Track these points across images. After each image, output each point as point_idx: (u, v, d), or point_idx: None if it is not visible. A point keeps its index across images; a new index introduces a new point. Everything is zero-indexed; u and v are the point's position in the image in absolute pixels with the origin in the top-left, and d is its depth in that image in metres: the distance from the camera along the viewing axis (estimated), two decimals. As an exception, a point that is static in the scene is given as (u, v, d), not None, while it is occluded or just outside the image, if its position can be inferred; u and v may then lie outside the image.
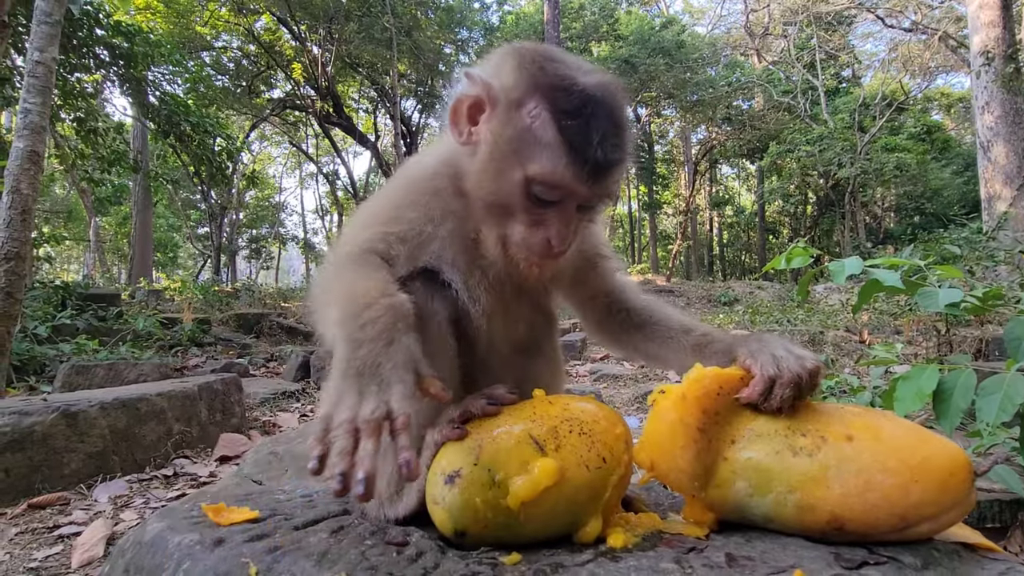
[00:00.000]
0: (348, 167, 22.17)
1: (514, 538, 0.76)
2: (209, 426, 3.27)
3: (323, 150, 27.05)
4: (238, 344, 7.92)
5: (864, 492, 0.76)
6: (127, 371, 4.48)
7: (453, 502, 0.76)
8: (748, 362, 0.90)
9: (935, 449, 0.77)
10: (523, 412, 0.87)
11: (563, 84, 0.90)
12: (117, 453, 2.72)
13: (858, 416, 0.83)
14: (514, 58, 0.97)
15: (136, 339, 6.71)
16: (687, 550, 0.71)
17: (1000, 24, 9.93)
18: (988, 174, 10.24)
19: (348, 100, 21.99)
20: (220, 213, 20.19)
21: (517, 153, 0.91)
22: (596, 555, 0.69)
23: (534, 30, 20.09)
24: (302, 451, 2.60)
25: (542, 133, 0.89)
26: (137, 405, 2.87)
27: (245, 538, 0.69)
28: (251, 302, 12.51)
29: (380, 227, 1.00)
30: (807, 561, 0.71)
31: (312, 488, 0.93)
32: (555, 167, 0.89)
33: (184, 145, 10.81)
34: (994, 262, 7.59)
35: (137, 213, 17.64)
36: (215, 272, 19.26)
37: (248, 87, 18.64)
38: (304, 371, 5.85)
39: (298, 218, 35.70)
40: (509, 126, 0.92)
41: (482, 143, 0.96)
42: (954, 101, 24.72)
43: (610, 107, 0.91)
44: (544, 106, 0.90)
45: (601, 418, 0.88)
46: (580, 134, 0.88)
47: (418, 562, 0.66)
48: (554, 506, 0.78)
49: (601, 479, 0.82)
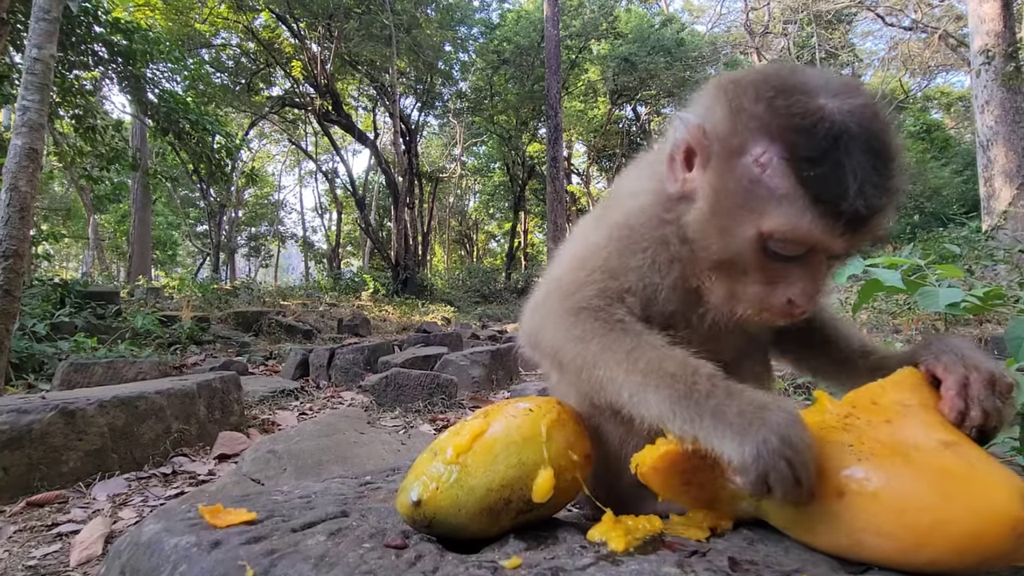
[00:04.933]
0: (347, 165, 22.15)
1: (468, 494, 0.78)
2: (208, 424, 3.27)
3: (322, 148, 27.03)
4: (237, 342, 7.92)
5: (850, 550, 0.71)
6: (126, 369, 4.48)
7: (406, 482, 0.81)
8: (934, 365, 0.80)
9: (955, 513, 0.66)
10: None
11: (800, 121, 0.72)
12: (116, 451, 2.72)
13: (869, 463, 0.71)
14: (727, 93, 0.80)
15: (135, 337, 6.71)
16: (689, 554, 0.70)
17: (1000, 22, 9.92)
18: (988, 173, 10.23)
19: (347, 98, 21.96)
20: (219, 211, 20.20)
21: (745, 207, 0.76)
22: (597, 558, 0.68)
23: (534, 28, 20.07)
24: (300, 450, 2.61)
25: (777, 183, 0.73)
26: (136, 403, 2.87)
27: (242, 540, 0.68)
28: (250, 300, 12.53)
29: (608, 280, 0.90)
30: (810, 565, 0.70)
31: (310, 489, 0.92)
32: (797, 223, 0.73)
33: (183, 143, 10.80)
34: (993, 261, 7.59)
35: (136, 211, 17.63)
36: (214, 270, 19.27)
37: (247, 84, 18.62)
38: (303, 369, 5.86)
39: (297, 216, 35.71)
40: (731, 178, 0.77)
41: (700, 195, 0.82)
42: (954, 100, 24.73)
43: (870, 139, 0.72)
44: (776, 151, 0.74)
45: (543, 400, 0.92)
46: (830, 181, 0.70)
47: (417, 565, 0.65)
48: (491, 448, 0.81)
49: (530, 422, 0.85)
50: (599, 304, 0.88)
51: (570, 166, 27.14)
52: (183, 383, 3.29)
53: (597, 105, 24.39)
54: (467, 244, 36.35)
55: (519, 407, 0.88)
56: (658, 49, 20.34)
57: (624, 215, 0.94)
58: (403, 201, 19.18)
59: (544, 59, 16.39)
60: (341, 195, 26.47)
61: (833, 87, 0.75)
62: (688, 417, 0.74)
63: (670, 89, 21.38)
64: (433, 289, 19.17)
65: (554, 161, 15.88)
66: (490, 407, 0.90)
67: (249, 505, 0.80)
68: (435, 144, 30.50)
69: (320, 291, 16.40)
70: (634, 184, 0.99)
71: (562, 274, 0.97)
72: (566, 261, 1.00)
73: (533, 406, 0.88)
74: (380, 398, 4.37)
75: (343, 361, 5.72)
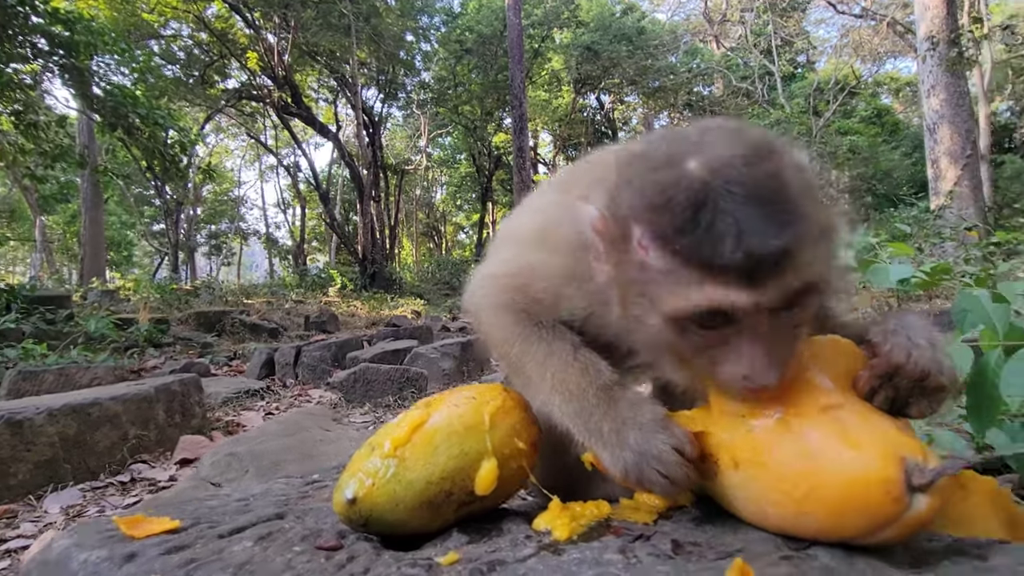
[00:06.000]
0: (309, 159, 21.66)
1: (407, 489, 0.76)
2: (168, 429, 3.17)
3: (282, 142, 26.33)
4: (198, 343, 7.69)
5: (763, 520, 0.73)
6: (79, 375, 4.30)
7: (342, 480, 0.79)
8: (879, 340, 0.79)
9: (827, 477, 0.66)
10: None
11: (658, 197, 0.69)
12: (68, 461, 2.62)
13: (757, 435, 0.73)
14: (610, 178, 0.77)
15: (89, 342, 6.45)
16: (634, 538, 0.70)
17: (944, 9, 10.29)
18: (934, 155, 10.66)
19: (307, 90, 21.40)
20: (176, 209, 19.51)
21: (644, 295, 0.73)
22: (538, 549, 0.67)
23: (496, 16, 19.90)
24: (263, 450, 2.54)
25: (659, 264, 0.70)
26: (88, 410, 2.76)
27: (160, 551, 0.65)
28: (212, 300, 12.18)
29: (532, 296, 0.92)
30: (755, 544, 0.70)
31: (250, 491, 0.89)
32: (692, 297, 0.68)
33: (134, 138, 10.33)
34: (941, 239, 7.94)
35: (87, 211, 16.85)
36: (173, 270, 18.65)
37: (201, 77, 17.94)
38: (269, 368, 5.73)
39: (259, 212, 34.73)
40: (625, 267, 0.74)
41: (609, 287, 0.80)
42: (902, 85, 25.61)
43: (745, 188, 0.66)
44: (647, 232, 0.70)
45: (488, 387, 0.91)
46: (704, 243, 0.66)
47: (347, 567, 0.63)
48: (431, 440, 0.79)
49: (473, 411, 0.84)
50: (523, 307, 0.92)
51: (536, 156, 27.14)
52: (140, 387, 3.18)
53: (561, 94, 24.41)
54: (435, 236, 36.04)
55: (463, 396, 0.87)
56: (620, 37, 20.46)
57: (556, 276, 0.91)
58: (368, 194, 18.87)
59: (507, 48, 16.29)
60: (304, 190, 25.86)
61: (708, 146, 0.71)
62: (580, 432, 0.83)
63: (632, 77, 21.56)
64: (402, 283, 18.96)
65: (520, 151, 15.84)
66: (433, 397, 0.88)
67: (177, 512, 0.77)
68: (399, 136, 30.07)
69: (285, 288, 16.05)
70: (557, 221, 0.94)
71: (496, 271, 1.02)
72: (499, 260, 1.05)
73: (477, 394, 0.87)
74: (349, 394, 4.31)
75: (310, 358, 5.62)
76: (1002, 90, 20.19)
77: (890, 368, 0.76)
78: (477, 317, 1.01)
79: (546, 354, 0.87)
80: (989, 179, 15.30)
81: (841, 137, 18.76)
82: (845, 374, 0.78)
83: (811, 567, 0.63)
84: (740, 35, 23.95)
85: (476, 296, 1.01)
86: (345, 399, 4.30)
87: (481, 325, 1.00)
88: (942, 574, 0.61)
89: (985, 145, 15.53)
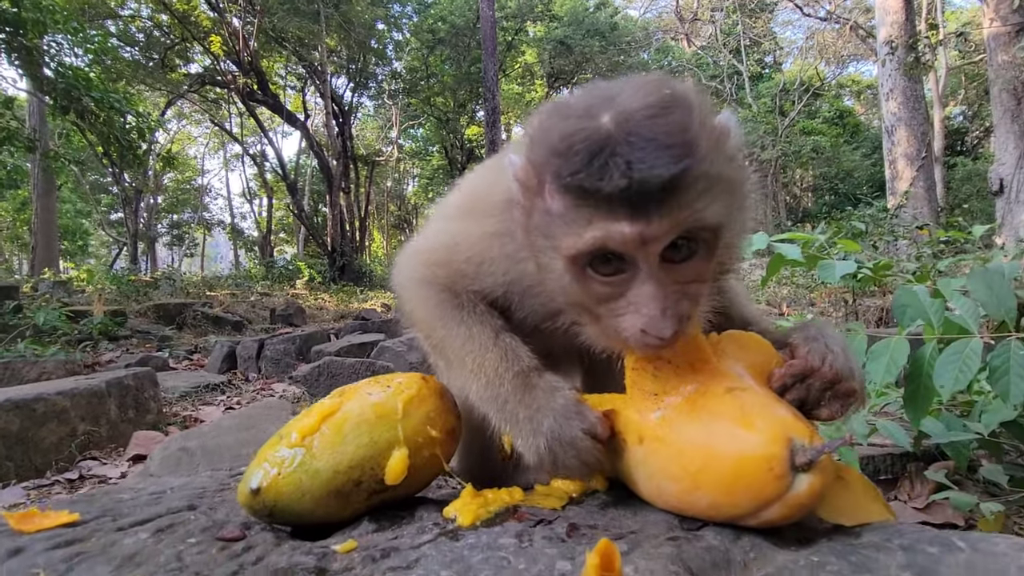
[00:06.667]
0: (276, 148, 21.10)
1: (313, 478, 0.75)
2: (121, 424, 3.08)
3: (248, 130, 25.57)
4: (157, 336, 7.45)
5: (659, 497, 0.76)
6: (26, 370, 4.14)
7: (248, 470, 0.77)
8: (798, 343, 0.83)
9: (721, 452, 0.69)
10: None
11: (561, 142, 0.70)
12: (11, 458, 2.52)
13: (664, 413, 0.76)
14: (528, 127, 0.79)
15: (38, 335, 6.17)
16: (535, 523, 0.72)
17: (903, 15, 10.64)
18: (892, 156, 11.06)
19: (274, 76, 20.83)
20: (135, 197, 18.79)
21: (547, 240, 0.74)
22: (437, 535, 0.68)
23: (469, 7, 19.71)
24: (216, 445, 2.48)
25: (559, 207, 0.71)
26: (33, 405, 2.67)
27: (48, 546, 0.63)
28: (173, 292, 11.80)
29: (460, 273, 0.92)
30: (650, 526, 0.72)
31: (168, 484, 0.87)
32: (582, 231, 0.69)
33: (88, 122, 9.89)
34: (895, 237, 8.24)
35: (38, 197, 16.09)
36: (132, 261, 17.98)
37: (161, 60, 17.24)
38: (230, 362, 5.60)
39: (224, 202, 33.69)
40: (534, 215, 0.76)
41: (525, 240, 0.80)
42: (863, 88, 26.42)
43: (643, 133, 0.67)
44: (549, 176, 0.72)
45: (407, 376, 0.91)
46: (593, 177, 0.67)
47: (239, 557, 0.63)
48: (340, 428, 0.79)
49: (387, 398, 0.84)
50: (445, 282, 0.93)
51: (509, 149, 27.02)
52: (90, 382, 3.08)
53: (535, 88, 24.37)
54: (407, 229, 35.65)
55: (379, 384, 0.86)
56: (593, 32, 20.53)
57: (480, 243, 0.92)
58: (338, 185, 18.53)
59: (480, 40, 16.16)
60: (271, 179, 25.21)
61: (621, 99, 0.72)
62: (496, 418, 0.83)
63: (605, 73, 21.65)
64: (372, 276, 18.70)
65: (493, 144, 15.76)
66: (349, 386, 0.87)
67: (85, 506, 0.75)
68: (370, 126, 29.57)
69: (251, 280, 15.65)
70: (487, 186, 0.96)
71: (420, 246, 1.02)
72: (424, 235, 1.05)
73: (394, 383, 0.86)
74: (312, 388, 4.24)
75: (273, 352, 5.51)
76: (955, 95, 21.04)
77: (806, 369, 0.80)
78: (400, 295, 1.01)
79: (466, 338, 0.87)
80: (942, 180, 15.95)
81: (805, 137, 19.29)
82: (761, 368, 0.82)
83: (695, 546, 0.65)
84: (710, 34, 24.32)
85: (401, 273, 1.01)
86: (309, 393, 4.24)
87: (404, 303, 1.00)
88: (819, 550, 0.65)
89: (939, 148, 16.17)
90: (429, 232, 1.07)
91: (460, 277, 0.92)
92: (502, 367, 0.84)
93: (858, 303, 6.05)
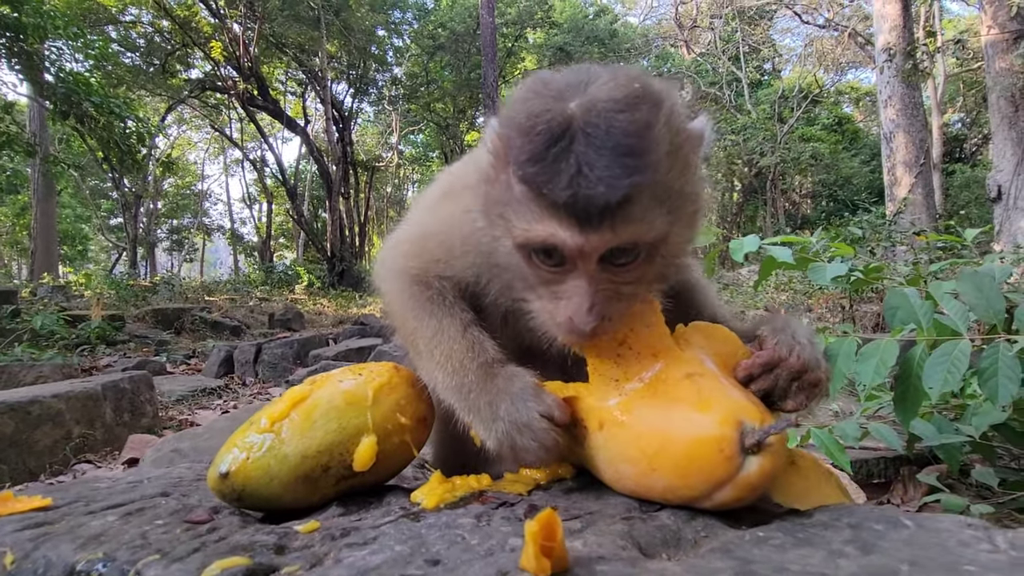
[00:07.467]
0: (276, 153, 21.10)
1: (282, 463, 0.75)
2: (116, 427, 3.08)
3: (248, 135, 25.65)
4: (155, 341, 7.46)
5: (618, 481, 0.77)
6: (23, 373, 4.15)
7: (218, 455, 0.79)
8: (766, 335, 0.85)
9: (676, 434, 0.70)
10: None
11: (526, 120, 0.70)
12: (5, 461, 2.53)
13: (624, 398, 0.77)
14: (506, 99, 0.81)
15: (35, 339, 6.18)
16: (497, 506, 0.73)
17: (901, 22, 10.69)
18: (890, 163, 11.07)
19: (274, 82, 20.92)
20: (135, 202, 18.84)
21: (503, 218, 0.76)
22: (399, 516, 0.69)
23: (469, 14, 19.81)
24: (209, 447, 2.46)
25: (517, 190, 0.72)
26: (27, 408, 2.67)
27: (17, 527, 0.64)
28: (171, 296, 11.81)
29: (435, 263, 0.94)
30: (609, 508, 0.74)
31: (146, 474, 0.88)
32: (528, 229, 0.71)
33: (88, 127, 9.92)
34: (893, 243, 8.25)
35: (38, 202, 16.13)
36: (131, 265, 18.00)
37: (162, 66, 17.33)
38: (227, 366, 5.59)
39: (224, 207, 33.72)
40: (495, 189, 0.77)
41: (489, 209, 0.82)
42: (862, 95, 26.50)
43: (601, 133, 0.67)
44: (511, 152, 0.73)
45: (379, 365, 0.93)
46: (546, 175, 0.68)
47: (204, 537, 0.64)
48: (309, 415, 0.79)
49: (358, 386, 0.84)
50: (418, 272, 0.94)
51: (509, 155, 27.09)
52: (86, 385, 3.08)
53: (534, 94, 24.40)
54: (407, 234, 35.67)
55: (351, 373, 0.87)
56: (592, 39, 20.63)
57: (453, 221, 0.94)
58: (338, 191, 18.56)
59: (480, 46, 16.25)
60: (271, 185, 25.25)
61: (592, 88, 0.72)
62: (460, 408, 0.84)
63: (604, 79, 21.73)
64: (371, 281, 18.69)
65: (491, 150, 15.77)
66: (323, 374, 0.88)
67: (60, 493, 0.76)
68: (370, 132, 29.66)
69: (250, 285, 15.68)
70: (465, 169, 1.00)
71: (399, 237, 1.04)
72: (408, 226, 1.07)
73: (366, 371, 0.87)
74: (309, 392, 4.24)
75: (271, 356, 5.51)
76: (954, 102, 21.12)
77: (773, 359, 0.81)
78: (379, 287, 1.02)
79: (436, 330, 0.89)
80: (941, 187, 15.98)
81: (804, 144, 19.34)
82: (726, 358, 0.83)
83: (648, 525, 0.66)
84: (709, 41, 24.43)
85: (382, 266, 1.03)
86: (305, 397, 4.24)
87: (383, 296, 1.02)
88: (768, 527, 0.66)
89: (937, 155, 16.21)
90: (407, 223, 1.09)
91: (433, 263, 0.94)
92: (467, 358, 0.85)
93: (855, 308, 6.07)
